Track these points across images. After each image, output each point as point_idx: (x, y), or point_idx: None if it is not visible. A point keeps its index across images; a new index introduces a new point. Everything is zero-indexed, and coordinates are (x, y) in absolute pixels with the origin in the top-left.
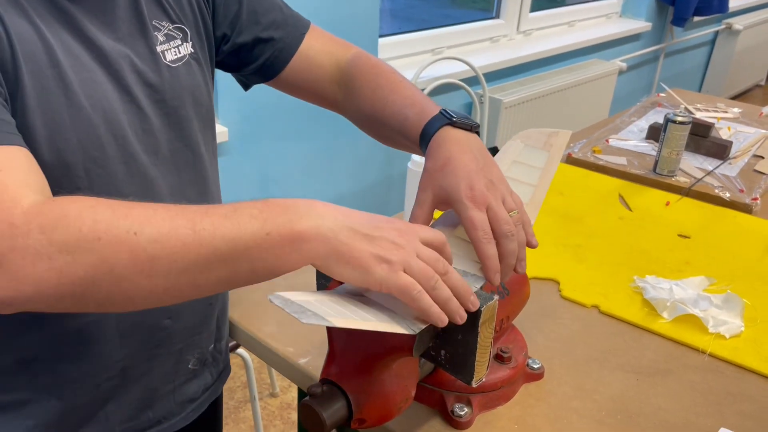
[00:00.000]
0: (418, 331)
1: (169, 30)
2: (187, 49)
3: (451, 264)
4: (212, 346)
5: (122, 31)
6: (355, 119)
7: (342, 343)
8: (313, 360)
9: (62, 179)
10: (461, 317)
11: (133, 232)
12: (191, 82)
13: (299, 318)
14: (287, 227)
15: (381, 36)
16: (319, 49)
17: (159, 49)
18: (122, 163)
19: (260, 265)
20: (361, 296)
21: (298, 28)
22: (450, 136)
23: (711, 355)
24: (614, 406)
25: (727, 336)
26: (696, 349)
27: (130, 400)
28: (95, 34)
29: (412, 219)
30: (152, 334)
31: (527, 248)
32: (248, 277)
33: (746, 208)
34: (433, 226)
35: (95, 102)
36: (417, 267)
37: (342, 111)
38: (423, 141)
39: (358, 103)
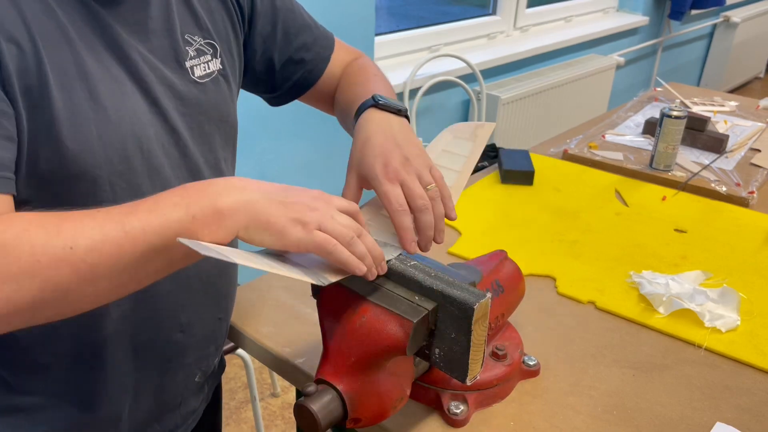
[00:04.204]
0: (326, 283)
1: (201, 45)
2: (216, 65)
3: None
4: (217, 359)
5: (153, 43)
6: (337, 117)
7: (336, 343)
8: (309, 360)
9: (88, 193)
10: (376, 273)
11: (69, 247)
12: (217, 98)
13: (200, 251)
14: (210, 207)
15: (377, 34)
16: (337, 63)
17: (188, 64)
18: (147, 176)
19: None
20: (281, 256)
21: (326, 48)
22: (371, 117)
23: (707, 350)
24: (611, 401)
25: (724, 330)
26: (692, 344)
27: (141, 412)
28: (127, 44)
29: None
30: (165, 348)
31: (521, 245)
32: (184, 260)
33: (743, 202)
34: (361, 207)
35: (123, 115)
36: (332, 226)
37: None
38: (355, 125)
39: (337, 100)
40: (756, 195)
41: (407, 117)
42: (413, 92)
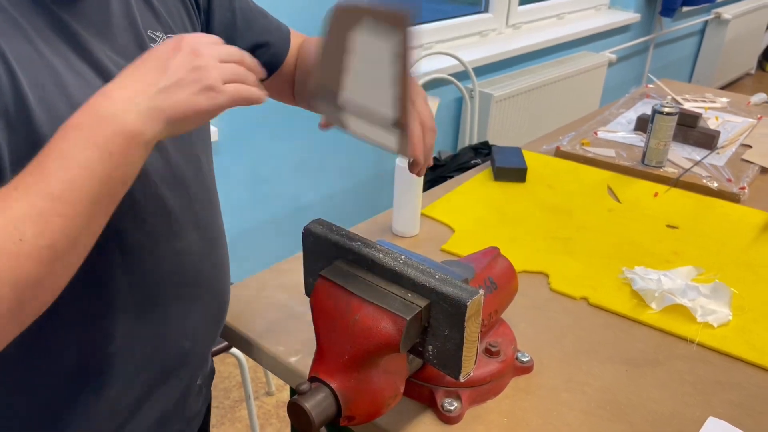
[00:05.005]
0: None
1: (163, 41)
2: None
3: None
4: (210, 358)
5: (119, 43)
6: (297, 93)
7: (329, 340)
8: (302, 359)
9: None
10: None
11: (18, 240)
12: None
13: None
14: (120, 136)
15: None
16: (293, 48)
17: None
18: (137, 181)
19: (124, 175)
20: None
21: (285, 31)
22: None
23: (699, 345)
24: (604, 397)
25: (716, 325)
26: (684, 339)
27: (147, 421)
28: (94, 47)
29: None
30: (172, 358)
31: (514, 242)
32: (125, 189)
33: (734, 198)
34: None
35: None
36: (230, 74)
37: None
38: None
39: (296, 76)
40: (747, 191)
41: None
42: None
